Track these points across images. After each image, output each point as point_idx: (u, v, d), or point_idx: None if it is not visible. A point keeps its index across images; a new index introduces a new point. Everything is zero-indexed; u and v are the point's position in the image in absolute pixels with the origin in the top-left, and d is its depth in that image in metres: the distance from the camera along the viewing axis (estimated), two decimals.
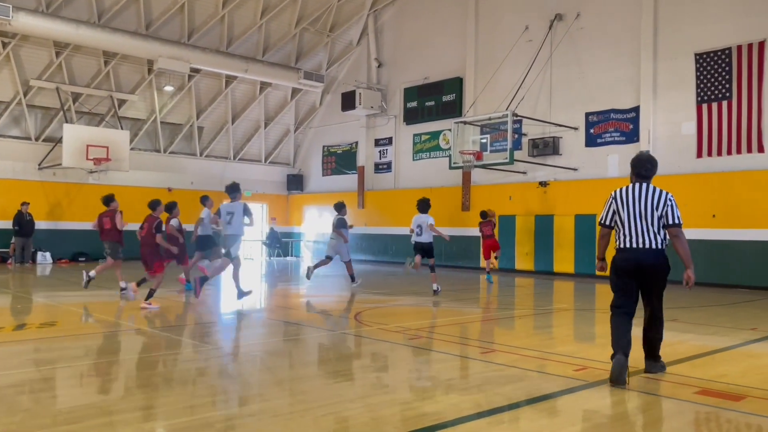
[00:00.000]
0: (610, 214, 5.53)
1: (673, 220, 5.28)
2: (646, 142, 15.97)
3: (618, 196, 5.49)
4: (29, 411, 4.36)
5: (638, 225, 5.33)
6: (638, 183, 5.49)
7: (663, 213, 5.29)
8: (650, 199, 5.33)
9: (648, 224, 5.30)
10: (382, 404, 4.66)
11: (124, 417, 4.24)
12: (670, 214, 5.29)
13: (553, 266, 17.57)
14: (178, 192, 22.83)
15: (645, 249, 5.29)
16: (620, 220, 5.43)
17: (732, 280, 14.21)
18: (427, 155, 21.58)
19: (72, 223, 20.60)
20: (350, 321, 8.90)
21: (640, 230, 5.32)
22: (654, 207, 5.31)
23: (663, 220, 5.30)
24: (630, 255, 5.35)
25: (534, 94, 18.06)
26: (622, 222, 5.42)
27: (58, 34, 18.23)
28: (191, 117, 23.14)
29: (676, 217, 5.29)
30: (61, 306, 10.30)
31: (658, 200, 5.32)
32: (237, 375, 5.77)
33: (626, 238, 5.38)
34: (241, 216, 10.07)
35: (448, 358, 6.44)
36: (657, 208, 5.30)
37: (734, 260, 14.28)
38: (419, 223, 11.88)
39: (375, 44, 23.28)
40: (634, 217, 5.34)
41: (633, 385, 5.26)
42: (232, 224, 10.09)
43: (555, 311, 10.80)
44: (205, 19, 20.95)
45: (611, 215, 5.53)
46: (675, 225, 5.29)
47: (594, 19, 17.24)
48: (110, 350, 6.93)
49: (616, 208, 5.47)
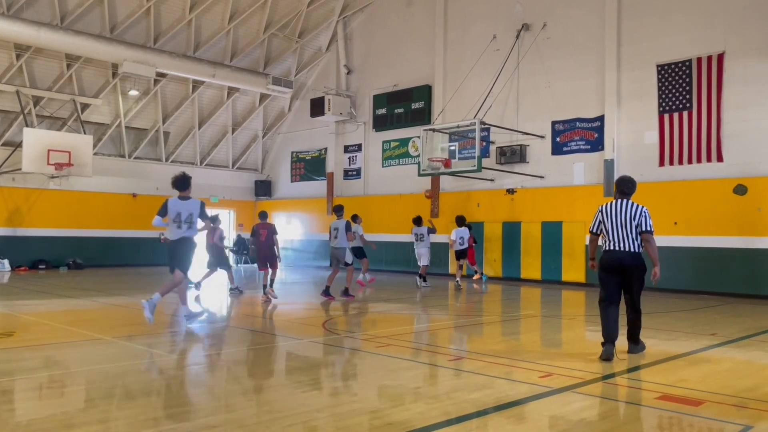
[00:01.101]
0: (597, 223, 6.90)
1: (645, 227, 6.57)
2: (611, 150, 16.31)
3: (604, 210, 6.83)
4: None
5: (620, 232, 6.64)
6: (620, 199, 6.79)
7: (639, 222, 6.56)
8: (629, 212, 6.63)
9: (627, 232, 6.61)
10: (350, 413, 4.64)
11: (84, 430, 4.13)
12: (643, 224, 6.57)
13: (520, 273, 17.76)
14: (143, 198, 22.49)
15: (625, 252, 6.61)
16: (605, 228, 6.76)
17: (692, 286, 14.56)
18: (396, 162, 21.64)
19: (32, 229, 20.10)
20: (319, 329, 8.85)
21: (622, 236, 6.63)
22: (632, 218, 6.60)
23: (639, 228, 6.57)
24: (613, 256, 6.66)
25: (502, 102, 18.28)
26: (607, 230, 6.74)
27: (18, 36, 17.79)
28: (157, 122, 22.80)
29: (649, 225, 6.58)
30: (19, 316, 10.01)
31: (635, 212, 6.62)
32: (202, 385, 5.68)
33: (611, 243, 6.69)
34: (344, 232, 12.17)
35: (416, 365, 6.44)
36: (634, 218, 6.59)
37: (695, 267, 14.64)
38: (461, 235, 15.40)
39: (344, 51, 23.29)
40: (617, 226, 6.66)
41: (596, 392, 5.34)
42: (339, 239, 12.17)
43: (522, 318, 10.91)
44: (171, 23, 20.70)
45: (598, 224, 6.89)
46: (647, 232, 6.58)
47: (560, 30, 17.55)
48: (70, 360, 6.75)
49: (603, 219, 6.81)
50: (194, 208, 8.71)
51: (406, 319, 10.16)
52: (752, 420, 4.55)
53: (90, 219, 21.28)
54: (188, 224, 8.63)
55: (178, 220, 8.55)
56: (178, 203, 8.68)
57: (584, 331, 9.35)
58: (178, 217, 8.57)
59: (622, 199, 6.78)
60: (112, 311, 10.79)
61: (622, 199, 6.78)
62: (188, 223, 8.63)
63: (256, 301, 12.41)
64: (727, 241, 14.36)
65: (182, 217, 8.58)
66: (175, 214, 8.56)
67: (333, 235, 12.36)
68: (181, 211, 8.61)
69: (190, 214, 8.66)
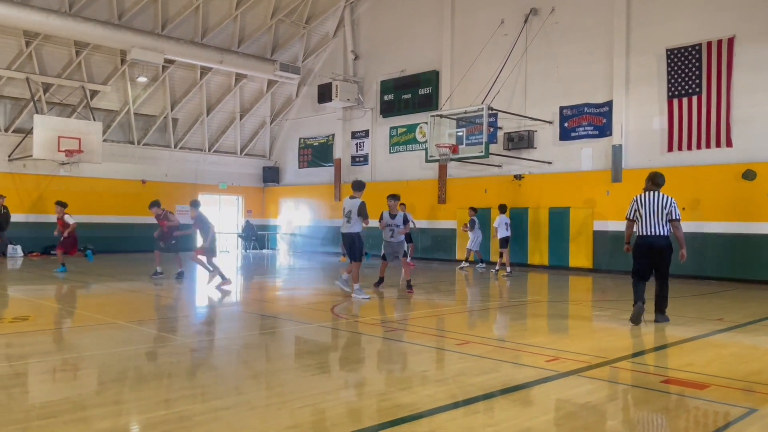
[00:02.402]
0: (633, 211, 8.06)
1: (675, 216, 7.83)
2: (619, 136, 16.24)
3: (639, 200, 8.02)
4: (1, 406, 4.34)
5: (652, 219, 7.85)
6: (653, 190, 7.97)
7: (669, 211, 7.80)
8: (661, 202, 7.87)
9: (658, 219, 7.83)
10: (359, 396, 4.73)
11: (99, 411, 4.23)
12: (673, 212, 7.82)
13: (527, 258, 17.79)
14: (152, 184, 22.64)
15: (656, 236, 7.85)
16: (640, 215, 7.95)
17: (700, 271, 14.54)
18: (403, 148, 21.64)
19: (43, 216, 20.27)
20: (327, 314, 8.95)
21: (654, 223, 7.85)
22: (663, 207, 7.83)
23: (668, 216, 7.79)
24: (647, 240, 7.90)
25: (509, 88, 18.21)
26: (641, 216, 7.94)
27: (28, 23, 17.86)
28: (165, 108, 22.87)
29: (677, 214, 7.83)
30: (33, 300, 10.16)
31: (666, 202, 7.86)
32: (213, 368, 5.79)
33: (644, 228, 7.92)
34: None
35: (423, 349, 6.53)
36: (665, 207, 7.82)
37: (702, 252, 14.62)
38: (506, 221, 15.44)
39: (351, 36, 23.22)
40: (650, 214, 7.87)
41: (602, 376, 5.41)
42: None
43: (529, 303, 10.97)
44: (179, 9, 20.69)
45: (634, 212, 8.04)
46: (676, 219, 7.85)
47: (568, 14, 17.43)
48: (83, 345, 6.87)
49: (638, 207, 7.99)
50: (354, 206, 10.30)
51: (413, 304, 10.24)
52: (757, 403, 4.60)
53: (100, 205, 21.44)
54: (347, 218, 10.34)
55: (345, 215, 10.38)
56: (348, 201, 10.50)
57: (591, 316, 9.40)
58: (345, 213, 10.41)
59: (655, 190, 7.94)
60: (124, 296, 10.93)
61: (655, 190, 7.94)
62: (347, 218, 10.33)
63: (266, 285, 12.51)
64: (736, 226, 14.32)
65: (344, 212, 10.40)
66: (345, 210, 10.43)
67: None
68: (347, 207, 10.39)
69: (350, 211, 10.30)
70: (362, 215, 10.24)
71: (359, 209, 10.20)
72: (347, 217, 10.37)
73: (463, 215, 19.27)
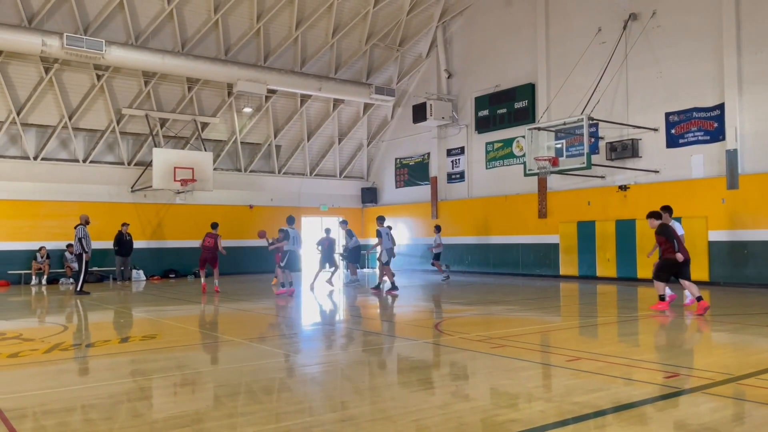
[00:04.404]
0: None
1: None
2: (733, 140, 15.28)
3: None
4: (133, 418, 4.73)
5: None
6: None
7: None
8: None
9: None
10: (466, 412, 4.73)
11: (212, 425, 4.45)
12: None
13: (636, 272, 17.00)
14: (259, 209, 23.77)
15: None
16: None
17: None
18: (500, 163, 21.44)
19: (162, 241, 21.80)
20: (431, 331, 9.00)
21: None
22: None
23: None
24: None
25: (610, 96, 17.65)
26: None
27: (146, 64, 19.45)
28: (269, 136, 24.03)
29: None
30: (158, 320, 10.96)
31: None
32: (320, 384, 5.99)
33: None
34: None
35: (531, 365, 6.43)
36: None
37: None
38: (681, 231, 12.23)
39: (444, 55, 23.42)
40: None
41: (727, 393, 5.10)
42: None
43: (640, 318, 10.49)
44: (279, 41, 21.78)
45: None
46: None
47: (671, 16, 16.71)
48: (203, 360, 7.34)
49: None
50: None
51: (518, 321, 10.09)
52: None
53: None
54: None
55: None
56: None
57: (709, 332, 8.86)
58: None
59: None
60: (238, 315, 11.54)
61: None
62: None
63: (368, 303, 12.76)
64: None
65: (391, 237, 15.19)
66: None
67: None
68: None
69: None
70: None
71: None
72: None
73: (565, 229, 18.78)
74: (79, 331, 9.86)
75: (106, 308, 12.85)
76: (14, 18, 17.66)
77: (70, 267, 19.35)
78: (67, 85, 19.72)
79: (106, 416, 4.70)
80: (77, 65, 19.34)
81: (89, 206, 19.45)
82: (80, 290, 15.32)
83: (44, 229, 19.82)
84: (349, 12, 21.79)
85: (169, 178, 20.34)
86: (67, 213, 19.40)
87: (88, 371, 6.75)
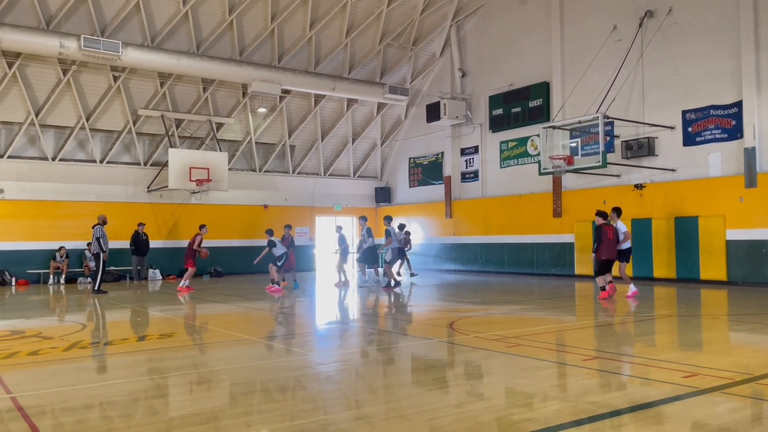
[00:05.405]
0: None
1: None
2: (751, 138, 15.10)
3: None
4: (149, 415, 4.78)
5: None
6: None
7: None
8: None
9: None
10: (481, 411, 4.72)
11: (228, 423, 4.47)
12: None
13: (652, 272, 16.86)
14: (273, 209, 23.88)
15: None
16: None
17: None
18: (514, 162, 21.36)
19: (177, 241, 21.94)
20: (445, 330, 9.00)
21: None
22: None
23: None
24: None
25: (625, 94, 17.51)
26: None
27: (161, 65, 19.61)
28: (283, 136, 24.12)
29: None
30: (174, 319, 11.05)
31: None
32: (334, 382, 6.01)
33: None
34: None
35: (547, 365, 6.40)
36: None
37: None
38: (624, 230, 12.67)
39: (458, 54, 23.37)
40: None
41: (746, 392, 5.05)
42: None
43: (657, 318, 10.41)
44: (293, 41, 21.85)
45: None
46: None
47: (688, 13, 16.54)
48: (219, 359, 7.39)
49: None
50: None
51: (534, 320, 10.05)
52: None
53: (227, 230, 22.89)
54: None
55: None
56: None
57: (728, 332, 8.76)
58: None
59: None
60: (253, 314, 11.60)
61: None
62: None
63: (382, 302, 12.77)
64: None
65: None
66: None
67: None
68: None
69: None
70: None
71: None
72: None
73: (580, 228, 18.67)
74: (97, 329, 9.97)
75: (124, 307, 12.97)
76: (32, 20, 17.88)
77: (89, 266, 19.57)
78: (84, 86, 19.93)
79: (124, 414, 4.76)
80: (94, 67, 19.55)
81: (106, 206, 19.65)
82: (98, 289, 15.49)
83: (62, 229, 20.04)
84: (362, 12, 21.81)
85: (184, 178, 20.49)
86: (85, 213, 19.61)
87: (106, 369, 6.83)
